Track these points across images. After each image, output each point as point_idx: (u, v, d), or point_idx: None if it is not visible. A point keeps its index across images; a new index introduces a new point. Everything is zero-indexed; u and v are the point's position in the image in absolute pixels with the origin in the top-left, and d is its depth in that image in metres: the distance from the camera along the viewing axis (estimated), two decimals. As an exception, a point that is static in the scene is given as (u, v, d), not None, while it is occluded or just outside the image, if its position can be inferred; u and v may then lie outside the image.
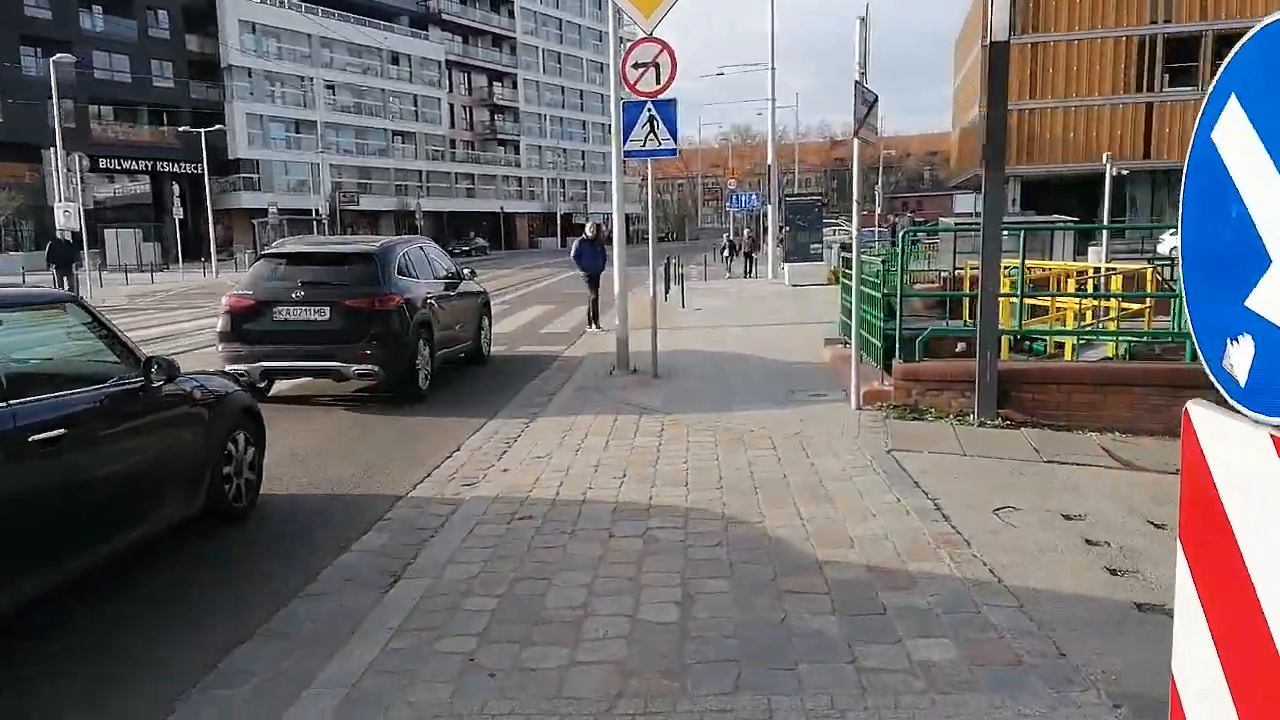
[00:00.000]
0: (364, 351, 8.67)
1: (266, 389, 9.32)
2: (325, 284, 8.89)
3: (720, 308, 18.40)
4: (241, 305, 8.97)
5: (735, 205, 35.91)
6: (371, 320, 8.74)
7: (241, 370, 8.50)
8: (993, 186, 7.42)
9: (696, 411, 8.11)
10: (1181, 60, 43.43)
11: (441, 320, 9.96)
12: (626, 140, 9.80)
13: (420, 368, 9.31)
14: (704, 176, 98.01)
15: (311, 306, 8.74)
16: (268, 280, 9.07)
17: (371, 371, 8.81)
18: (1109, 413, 7.44)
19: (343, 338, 8.69)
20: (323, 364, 8.80)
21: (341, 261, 9.29)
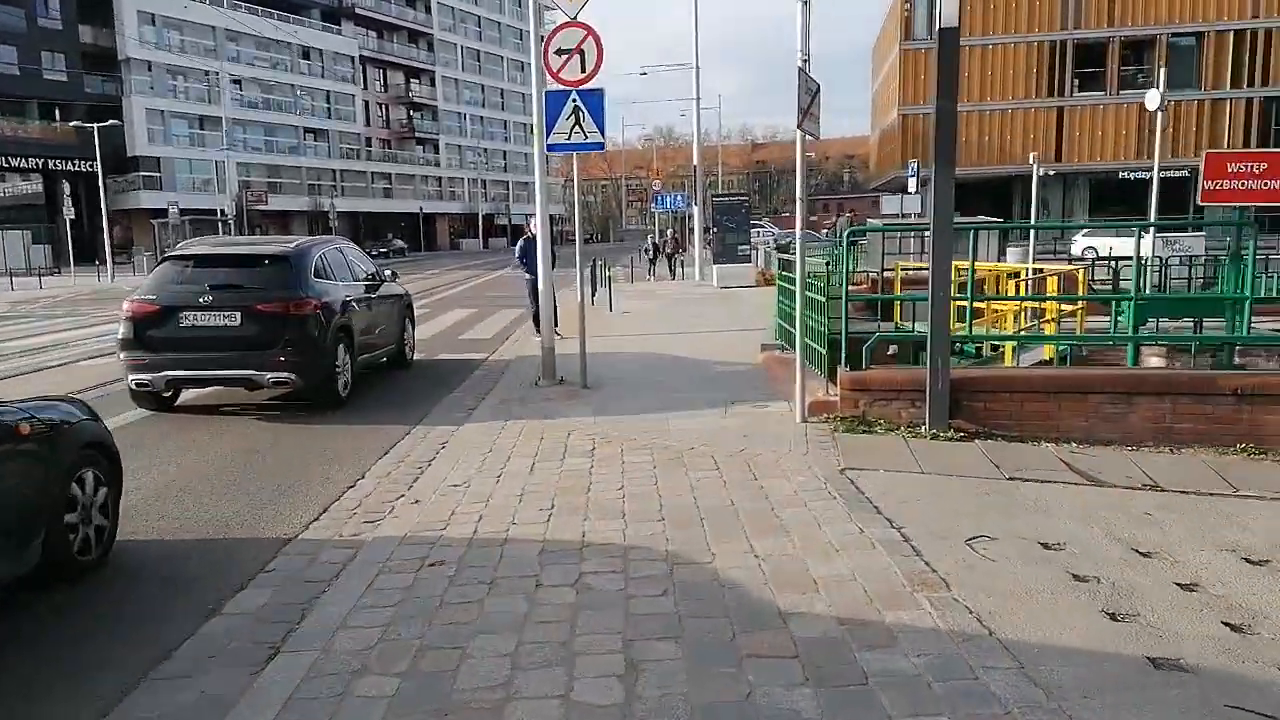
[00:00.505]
0: (279, 358, 8.23)
1: (173, 399, 8.91)
2: (236, 288, 8.40)
3: (649, 310, 17.80)
4: (145, 311, 8.39)
5: (661, 206, 35.42)
6: (287, 325, 8.29)
7: (145, 380, 8.25)
8: (942, 183, 6.96)
9: (631, 426, 7.45)
10: (1090, 66, 44.74)
11: (362, 324, 9.54)
12: (550, 133, 9.08)
13: (340, 374, 8.92)
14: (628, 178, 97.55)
15: (221, 312, 8.26)
16: (173, 284, 8.50)
17: (287, 379, 8.34)
18: (1064, 422, 7.06)
19: (256, 344, 8.21)
20: (234, 372, 8.32)
21: (253, 264, 8.77)
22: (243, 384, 8.50)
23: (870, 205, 74.00)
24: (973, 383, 7.19)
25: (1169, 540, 4.71)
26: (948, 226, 7.00)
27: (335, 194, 61.01)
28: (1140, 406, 6.95)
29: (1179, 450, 6.77)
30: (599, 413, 8.09)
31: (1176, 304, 8.89)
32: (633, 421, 7.66)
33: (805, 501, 5.31)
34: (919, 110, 46.66)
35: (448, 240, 74.94)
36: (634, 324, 15.43)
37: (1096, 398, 7.01)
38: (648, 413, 8.00)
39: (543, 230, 9.96)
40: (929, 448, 6.64)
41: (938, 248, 6.99)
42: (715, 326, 14.57)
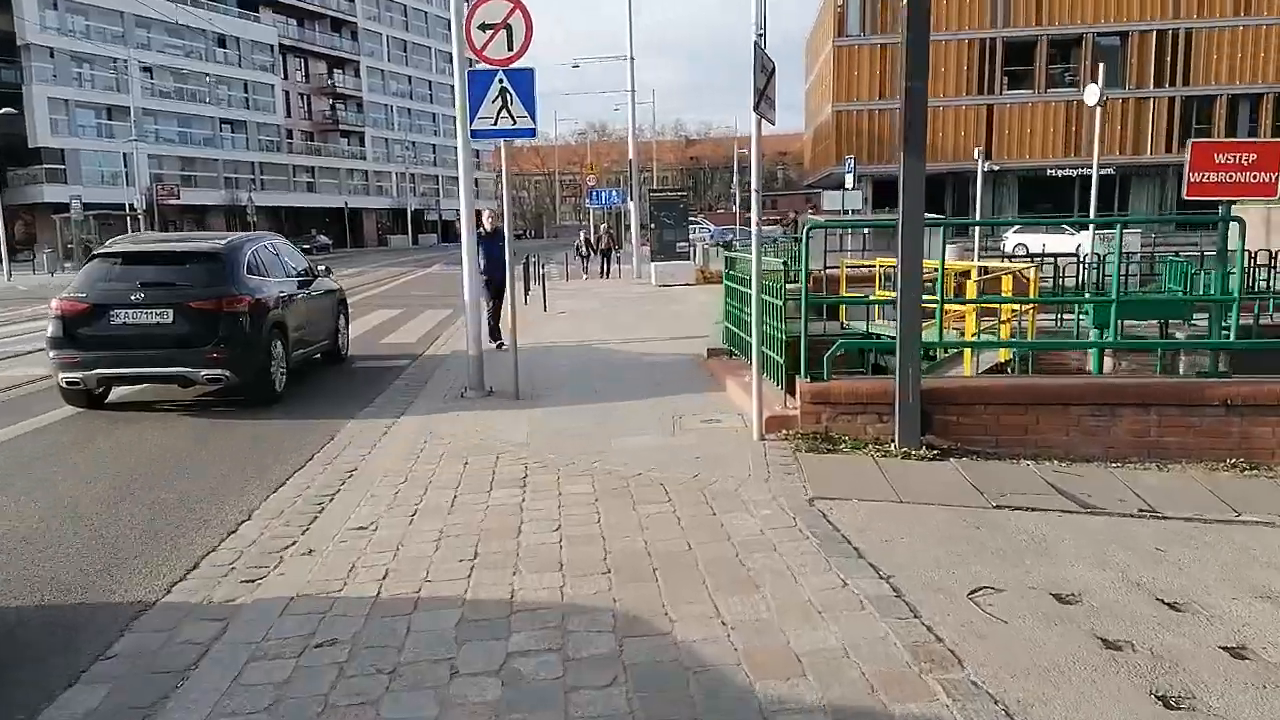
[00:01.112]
0: (212, 355, 8.23)
1: (104, 396, 8.85)
2: (168, 285, 8.41)
3: (586, 311, 16.93)
4: (74, 309, 8.34)
5: (595, 202, 34.54)
6: (220, 322, 8.29)
7: (76, 378, 8.28)
8: (912, 174, 6.28)
9: (569, 447, 6.61)
10: (1019, 64, 45.29)
11: (296, 320, 9.56)
12: (474, 118, 8.17)
13: (275, 370, 8.91)
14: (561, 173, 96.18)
15: (153, 309, 8.23)
16: (103, 282, 8.46)
17: (221, 376, 8.33)
18: (1043, 436, 6.47)
19: (189, 341, 8.22)
20: (167, 370, 8.32)
21: (185, 261, 8.76)
22: (176, 381, 8.48)
23: (804, 202, 74.29)
24: (945, 394, 6.54)
25: (1193, 585, 4.07)
26: (918, 223, 6.32)
27: (254, 188, 58.49)
28: (1124, 419, 6.39)
29: (1166, 466, 6.22)
30: (533, 430, 7.23)
31: (1157, 305, 8.43)
32: (571, 441, 6.81)
33: (774, 543, 4.54)
34: (853, 107, 46.71)
35: (375, 236, 72.72)
36: (571, 325, 14.56)
37: (1078, 410, 6.43)
38: (588, 429, 7.16)
39: (466, 225, 9.02)
40: (902, 469, 5.95)
41: (907, 247, 6.30)
42: (657, 328, 13.79)
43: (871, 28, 45.78)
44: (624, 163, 34.39)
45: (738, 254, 9.46)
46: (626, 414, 7.66)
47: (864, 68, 46.12)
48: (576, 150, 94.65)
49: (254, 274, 8.98)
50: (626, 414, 7.66)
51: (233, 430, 7.79)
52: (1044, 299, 8.83)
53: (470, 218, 8.93)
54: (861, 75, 46.19)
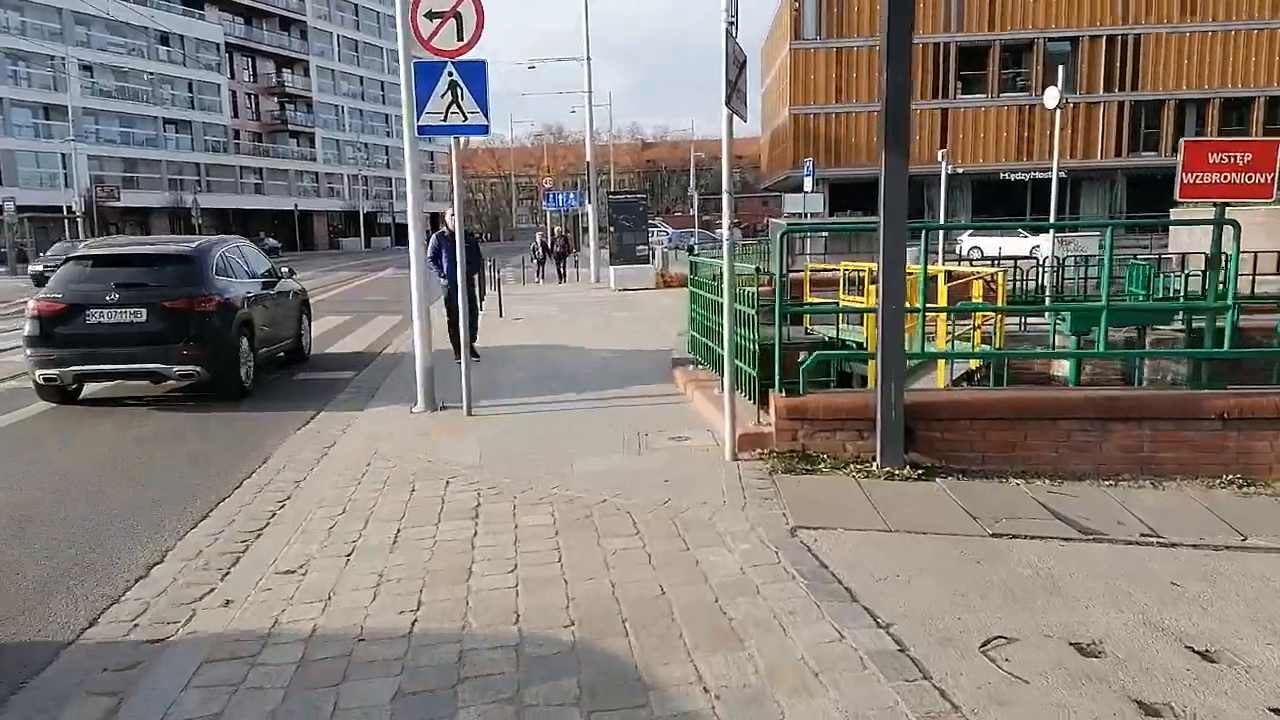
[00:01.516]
0: (184, 352, 8.64)
1: (76, 393, 9.21)
2: (141, 286, 8.77)
3: (544, 316, 16.36)
4: (51, 309, 8.69)
5: (552, 204, 33.92)
6: (191, 321, 8.70)
7: (53, 374, 8.63)
8: (894, 173, 5.86)
9: (526, 470, 6.06)
10: (973, 68, 45.64)
11: (262, 319, 9.98)
12: (421, 112, 7.60)
13: (244, 366, 9.31)
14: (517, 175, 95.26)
15: (128, 309, 8.61)
16: (78, 283, 8.83)
17: (193, 372, 8.79)
18: (1030, 452, 6.09)
19: (162, 339, 8.60)
20: (141, 366, 8.70)
21: (157, 263, 9.16)
22: (149, 377, 8.89)
23: (760, 205, 74.36)
24: (928, 409, 6.12)
25: (1222, 629, 3.67)
26: (900, 226, 5.89)
27: (199, 189, 56.81)
28: (1116, 434, 6.02)
29: (1160, 484, 5.87)
30: (487, 450, 6.67)
31: (1147, 313, 8.11)
32: (528, 462, 6.27)
33: (757, 585, 4.05)
34: (810, 110, 46.69)
35: (327, 239, 71.20)
36: (527, 332, 13.98)
37: (1068, 424, 6.05)
38: (547, 449, 6.62)
39: (414, 226, 8.42)
40: (887, 492, 5.50)
41: (889, 252, 5.87)
42: (618, 335, 13.28)
43: (828, 31, 45.81)
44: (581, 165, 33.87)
45: (702, 258, 8.99)
46: (588, 431, 7.14)
47: (820, 71, 46.12)
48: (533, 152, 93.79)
49: (222, 275, 9.39)
50: (588, 431, 7.14)
51: (176, 441, 7.12)
52: (1037, 307, 8.32)
53: (419, 219, 8.33)
54: (818, 78, 46.19)
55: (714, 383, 8.04)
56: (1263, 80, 43.97)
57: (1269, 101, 44.23)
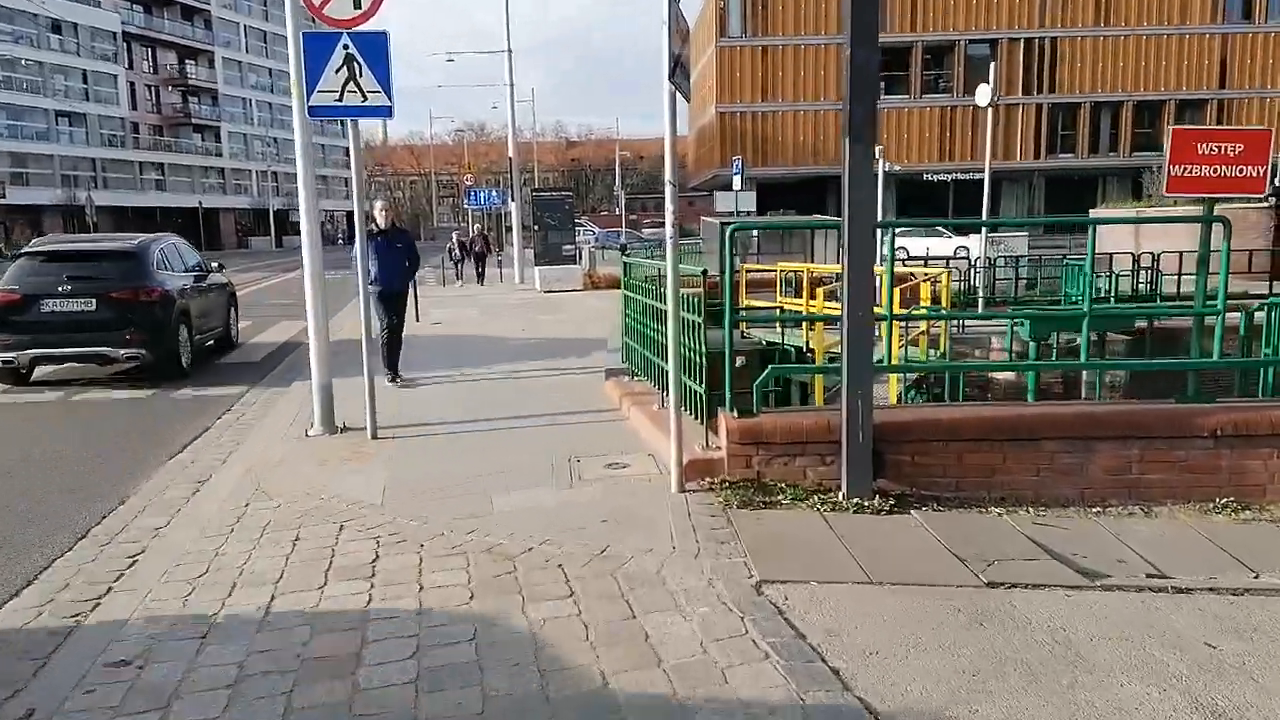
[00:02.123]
0: (129, 337, 9.63)
1: (29, 375, 10.05)
2: (91, 278, 9.74)
3: (465, 321, 15.32)
4: (8, 299, 9.63)
5: (474, 202, 32.70)
6: (135, 310, 9.70)
7: (10, 358, 9.58)
8: (859, 165, 5.13)
9: (437, 508, 5.14)
10: (895, 70, 45.94)
11: (197, 309, 10.96)
12: (312, 91, 6.59)
13: (182, 350, 10.30)
14: (439, 173, 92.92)
15: (78, 299, 9.62)
16: (32, 276, 9.80)
17: (138, 355, 9.79)
18: (1009, 476, 5.44)
19: (110, 326, 9.61)
20: (91, 350, 9.69)
21: (104, 258, 10.18)
22: (98, 359, 9.88)
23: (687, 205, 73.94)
24: (898, 430, 5.41)
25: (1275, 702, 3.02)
26: (868, 224, 5.17)
27: (95, 186, 53.53)
28: (1102, 455, 5.42)
29: (1151, 510, 5.29)
30: (392, 483, 5.72)
31: (1131, 318, 7.58)
32: (441, 499, 5.34)
33: (722, 668, 3.24)
34: (737, 108, 46.38)
35: (235, 238, 68.11)
36: (447, 339, 12.94)
37: (1051, 445, 5.42)
38: (463, 481, 5.70)
39: (307, 222, 7.39)
40: (858, 528, 4.77)
41: (855, 252, 5.15)
42: (546, 342, 12.36)
43: (754, 29, 45.55)
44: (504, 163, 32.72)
45: (637, 259, 8.17)
46: (513, 457, 6.23)
47: (746, 69, 45.84)
48: (454, 150, 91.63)
49: (162, 269, 10.44)
50: (513, 457, 6.23)
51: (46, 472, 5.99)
52: (1020, 314, 7.46)
53: (311, 212, 7.31)
54: (744, 76, 45.90)
55: (652, 396, 7.24)
56: (1173, 85, 45.36)
57: (1178, 105, 45.66)
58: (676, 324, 5.28)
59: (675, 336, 5.27)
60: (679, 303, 5.30)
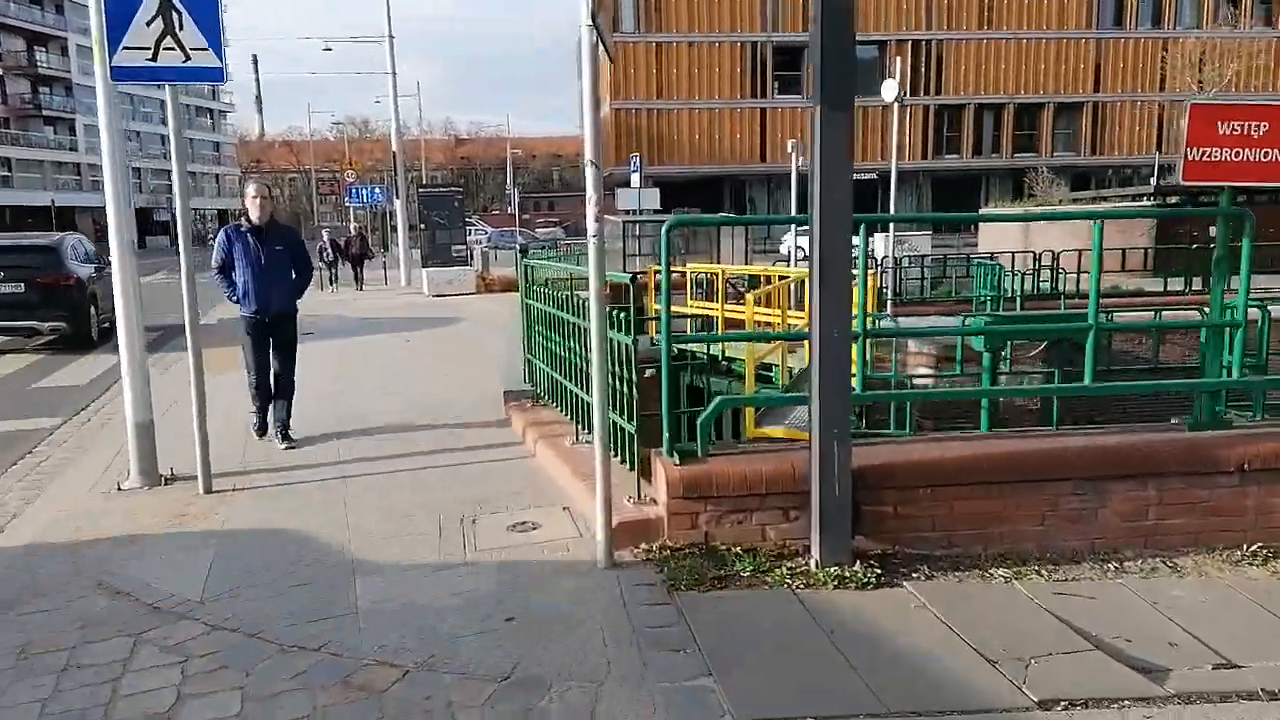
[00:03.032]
0: (54, 314, 12.21)
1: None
2: (19, 267, 12.17)
3: (339, 332, 13.65)
4: None
5: (356, 200, 30.55)
6: (57, 292, 12.17)
7: None
8: (832, 136, 4.01)
9: (276, 606, 3.76)
10: (790, 69, 45.86)
11: (101, 293, 12.32)
12: (116, 47, 5.06)
13: (92, 326, 12.78)
14: (319, 170, 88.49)
15: (9, 283, 11.95)
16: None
17: (61, 328, 12.40)
18: (1011, 527, 4.45)
19: (38, 305, 12.07)
20: (23, 323, 12.17)
21: (30, 250, 12.78)
22: (28, 332, 12.36)
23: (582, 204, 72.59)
24: (877, 474, 4.33)
25: None
26: (842, 214, 4.05)
27: (-74, 181, 48.35)
28: (1115, 497, 4.48)
29: (1174, 563, 4.39)
30: (220, 563, 4.28)
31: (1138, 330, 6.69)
32: (283, 588, 3.95)
33: None
34: (631, 105, 45.36)
35: (93, 238, 62.81)
36: (313, 356, 11.29)
37: (1056, 487, 4.45)
38: (319, 556, 4.32)
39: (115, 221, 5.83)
40: (847, 616, 3.65)
41: (829, 255, 4.03)
42: (434, 356, 10.90)
43: (647, 25, 44.63)
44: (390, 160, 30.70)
45: (541, 262, 6.90)
46: (387, 516, 4.87)
47: (640, 66, 44.89)
48: (336, 146, 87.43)
49: (73, 260, 12.80)
50: (387, 516, 4.87)
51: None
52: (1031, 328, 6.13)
53: (121, 213, 5.77)
54: (638, 73, 44.93)
55: (563, 427, 5.99)
56: (1051, 88, 46.74)
57: (1056, 108, 47.13)
58: (603, 347, 4.03)
59: (601, 365, 4.02)
60: (605, 320, 4.05)
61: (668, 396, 4.40)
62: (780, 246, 37.53)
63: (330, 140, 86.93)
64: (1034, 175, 36.79)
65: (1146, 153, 47.16)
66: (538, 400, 6.99)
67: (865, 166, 47.13)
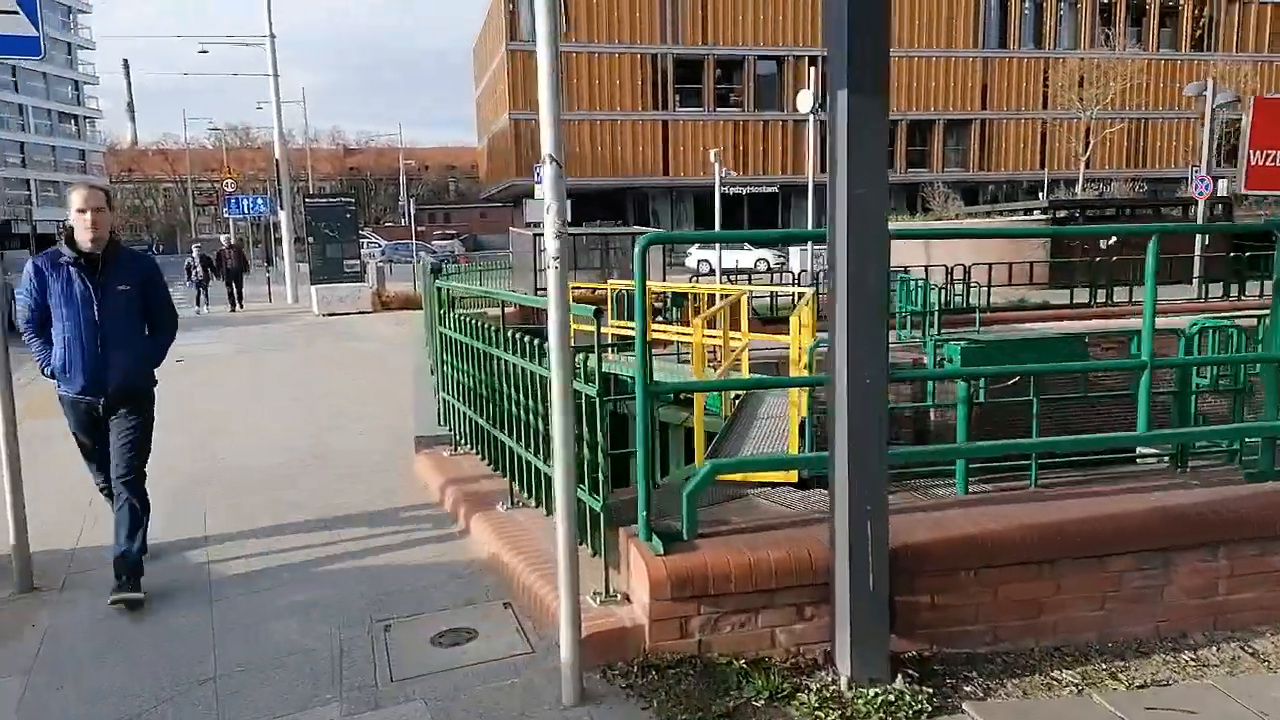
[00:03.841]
0: None
1: None
2: None
3: (216, 358, 12.07)
4: None
5: (236, 210, 28.39)
6: None
7: None
8: (863, 125, 3.13)
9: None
10: (689, 81, 45.62)
11: None
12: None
13: None
14: (198, 180, 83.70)
15: None
16: None
17: None
18: (1062, 614, 3.63)
19: None
20: None
21: None
22: None
23: (479, 217, 70.83)
24: (912, 557, 3.42)
25: None
26: (878, 229, 3.14)
27: None
28: (1181, 570, 3.71)
29: (1253, 648, 3.66)
30: (28, 704, 3.03)
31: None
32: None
33: None
34: (532, 116, 44.15)
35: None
36: (184, 390, 9.77)
37: (1120, 562, 3.63)
38: (169, 703, 3.11)
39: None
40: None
41: (858, 276, 3.11)
42: (325, 391, 9.54)
43: (546, 34, 43.51)
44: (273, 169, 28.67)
45: (459, 284, 5.79)
46: (261, 640, 3.66)
47: (539, 75, 43.68)
48: (215, 155, 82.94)
49: None
50: (261, 640, 3.66)
51: None
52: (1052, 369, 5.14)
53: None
54: (538, 83, 43.72)
55: (493, 485, 4.90)
56: (941, 105, 47.96)
57: (947, 124, 48.38)
58: (567, 404, 2.98)
59: (567, 429, 2.97)
60: (570, 367, 3.01)
61: (644, 460, 3.39)
62: (686, 259, 37.06)
63: (209, 149, 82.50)
64: (930, 190, 37.43)
65: (1030, 168, 48.96)
66: (456, 447, 5.86)
67: (764, 180, 47.34)
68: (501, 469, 4.91)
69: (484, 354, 4.84)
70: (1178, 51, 48.02)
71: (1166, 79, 47.01)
